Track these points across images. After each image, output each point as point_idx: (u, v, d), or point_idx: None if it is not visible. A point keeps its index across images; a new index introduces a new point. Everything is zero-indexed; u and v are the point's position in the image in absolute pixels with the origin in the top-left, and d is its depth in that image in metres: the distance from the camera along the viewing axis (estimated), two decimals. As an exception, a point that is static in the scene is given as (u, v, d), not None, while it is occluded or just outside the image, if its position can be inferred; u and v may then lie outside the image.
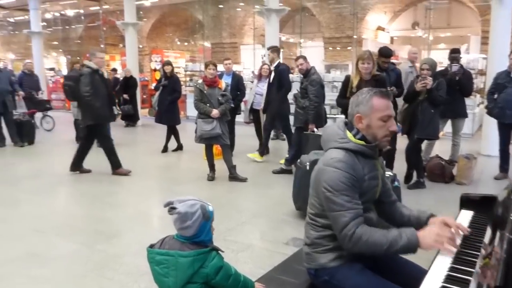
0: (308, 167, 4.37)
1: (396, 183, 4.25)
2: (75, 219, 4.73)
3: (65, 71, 20.29)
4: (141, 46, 18.29)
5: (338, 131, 2.02)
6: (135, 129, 12.28)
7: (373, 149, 2.00)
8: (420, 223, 2.02)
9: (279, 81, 7.09)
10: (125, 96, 12.02)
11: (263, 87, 7.55)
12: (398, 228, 1.89)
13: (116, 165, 6.66)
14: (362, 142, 1.97)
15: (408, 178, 5.94)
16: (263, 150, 7.54)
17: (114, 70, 14.57)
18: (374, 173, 2.02)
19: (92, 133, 6.61)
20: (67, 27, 23.51)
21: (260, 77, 7.70)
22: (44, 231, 4.31)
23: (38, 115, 10.91)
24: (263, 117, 7.77)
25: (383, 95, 1.99)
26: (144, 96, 15.42)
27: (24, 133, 9.16)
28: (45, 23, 19.51)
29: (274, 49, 7.44)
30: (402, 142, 6.05)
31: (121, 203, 5.36)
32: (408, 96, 5.64)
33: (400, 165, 5.92)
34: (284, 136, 9.44)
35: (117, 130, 10.94)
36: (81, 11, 21.17)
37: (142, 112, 13.14)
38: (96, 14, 20.45)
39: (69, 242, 4.04)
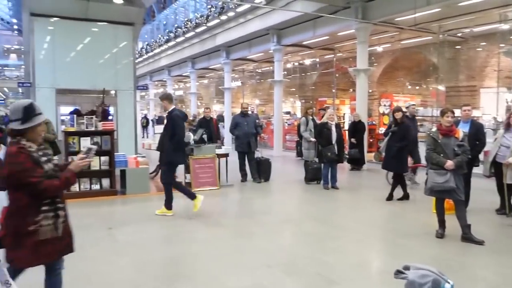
0: None
1: None
2: (299, 258, 4.93)
3: (299, 115, 22.07)
4: (370, 91, 18.50)
5: None
6: (360, 173, 12.31)
7: None
8: None
9: (172, 128, 6.71)
10: (353, 140, 12.31)
11: (511, 138, 6.61)
12: None
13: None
14: None
15: None
16: (170, 204, 6.81)
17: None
18: None
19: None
20: (303, 74, 25.76)
21: (508, 126, 6.75)
22: (272, 266, 4.64)
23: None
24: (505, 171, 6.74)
25: None
26: (371, 140, 15.43)
27: (262, 171, 10.27)
28: (285, 72, 21.81)
29: (163, 97, 7.02)
30: None
31: (343, 249, 5.36)
32: None
33: None
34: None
35: (342, 173, 11.21)
36: (317, 59, 22.91)
37: (368, 156, 13.11)
38: (330, 62, 21.78)
39: (294, 282, 4.23)
